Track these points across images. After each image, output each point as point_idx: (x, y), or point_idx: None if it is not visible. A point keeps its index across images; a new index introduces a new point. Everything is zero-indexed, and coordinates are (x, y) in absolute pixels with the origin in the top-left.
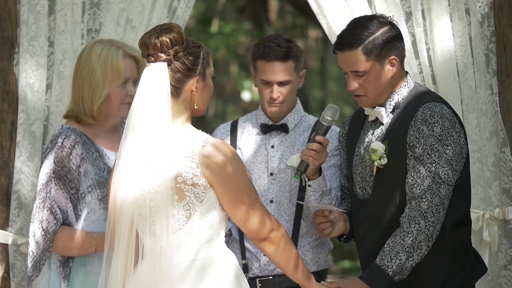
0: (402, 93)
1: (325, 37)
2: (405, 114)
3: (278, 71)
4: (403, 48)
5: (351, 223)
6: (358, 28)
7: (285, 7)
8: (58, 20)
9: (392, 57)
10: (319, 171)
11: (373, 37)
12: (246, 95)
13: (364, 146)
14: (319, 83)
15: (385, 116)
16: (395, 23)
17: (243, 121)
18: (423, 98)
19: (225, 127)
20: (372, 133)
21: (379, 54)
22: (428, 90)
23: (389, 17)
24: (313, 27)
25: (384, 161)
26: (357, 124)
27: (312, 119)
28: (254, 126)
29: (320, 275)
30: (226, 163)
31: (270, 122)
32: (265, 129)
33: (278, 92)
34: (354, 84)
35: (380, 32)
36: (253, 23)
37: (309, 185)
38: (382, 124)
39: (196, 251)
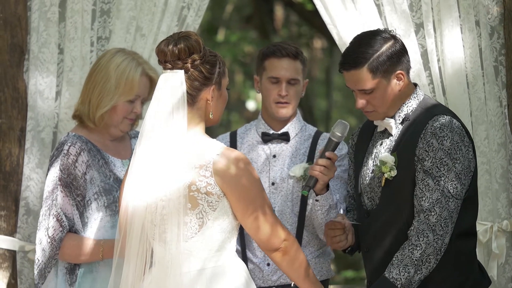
0: (411, 104)
1: (330, 47)
2: (415, 126)
3: (288, 68)
4: (408, 61)
5: (356, 235)
6: (362, 46)
7: (290, 17)
8: (68, 27)
9: (398, 71)
10: (327, 186)
11: (377, 54)
12: (251, 105)
13: (372, 157)
14: (323, 93)
15: (394, 127)
16: (398, 36)
17: (242, 131)
18: (433, 110)
19: (224, 138)
20: (381, 144)
21: (385, 70)
22: (438, 102)
23: (392, 30)
24: (318, 37)
25: (394, 173)
26: (366, 135)
27: (311, 129)
28: (254, 136)
29: (323, 285)
30: (240, 172)
31: (271, 131)
32: (266, 138)
33: (286, 91)
34: (362, 102)
35: (385, 48)
36: (258, 32)
37: (317, 200)
38: (391, 135)
39: (207, 259)
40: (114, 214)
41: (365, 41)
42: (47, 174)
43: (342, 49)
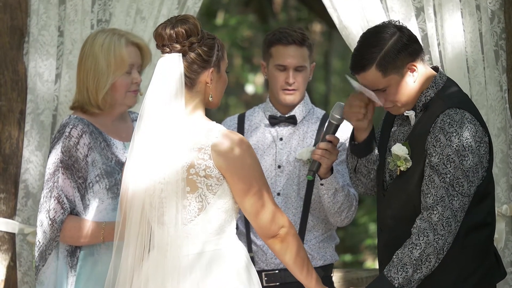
0: (429, 94)
1: (329, 31)
2: (428, 118)
3: (295, 55)
4: (419, 49)
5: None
6: (368, 47)
7: (289, 1)
8: (68, 10)
9: (410, 63)
10: (330, 169)
11: (384, 52)
12: (249, 88)
13: (393, 139)
14: (322, 77)
15: (414, 118)
16: (404, 25)
17: (250, 114)
18: (447, 102)
19: (232, 120)
20: (399, 128)
21: (395, 66)
22: (457, 91)
23: (397, 21)
24: (318, 21)
25: (409, 164)
26: (389, 122)
27: (320, 112)
28: (262, 119)
29: (326, 270)
30: (239, 153)
31: (279, 114)
32: (274, 121)
33: (293, 78)
34: (381, 100)
35: (391, 44)
36: (257, 16)
37: (322, 184)
38: (410, 124)
39: (206, 243)
40: (115, 197)
41: (370, 41)
42: (48, 156)
43: (342, 32)
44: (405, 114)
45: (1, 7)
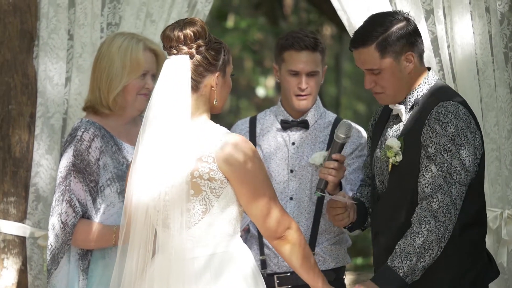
0: (422, 90)
1: (339, 34)
2: (421, 112)
3: (308, 61)
4: (421, 44)
5: (360, 212)
6: (372, 25)
7: (300, 3)
8: (78, 13)
9: (408, 53)
10: (339, 185)
11: (387, 34)
12: (261, 91)
13: (384, 139)
14: (333, 79)
15: (405, 113)
16: (412, 19)
17: (262, 117)
18: (441, 96)
19: (243, 123)
20: (392, 128)
21: (394, 51)
22: (448, 88)
23: (407, 13)
24: (328, 24)
25: (399, 158)
26: (384, 116)
27: (332, 116)
28: (273, 122)
29: (338, 272)
30: (244, 157)
31: (291, 118)
32: (286, 126)
33: (306, 83)
34: (370, 82)
35: (395, 28)
36: (268, 19)
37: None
38: (401, 121)
39: (211, 246)
40: None
41: (376, 20)
42: (60, 160)
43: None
44: (395, 107)
45: (10, 11)
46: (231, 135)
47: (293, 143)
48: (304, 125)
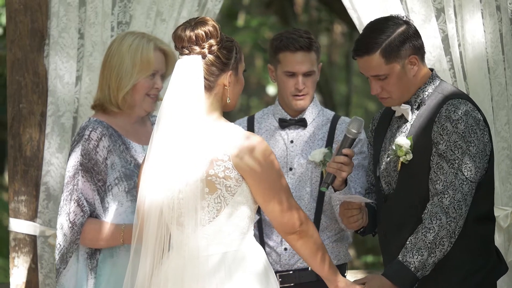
0: (427, 89)
1: (350, 32)
2: (430, 111)
3: (303, 61)
4: (422, 46)
5: (371, 216)
6: (374, 32)
7: (311, 2)
8: (89, 12)
9: (411, 56)
10: (345, 181)
11: (390, 40)
12: (271, 90)
13: (389, 141)
14: (343, 78)
15: (410, 113)
16: (411, 21)
17: (260, 116)
18: (448, 95)
19: (241, 123)
20: (397, 129)
21: (398, 56)
22: (454, 87)
23: (405, 16)
24: (338, 22)
25: (409, 156)
26: (385, 120)
27: (329, 114)
28: (271, 121)
29: (340, 269)
30: (259, 155)
31: (288, 117)
32: (284, 124)
33: (303, 84)
34: (377, 89)
35: (397, 33)
36: (279, 17)
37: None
38: (408, 121)
39: (225, 244)
40: (134, 200)
41: (377, 27)
42: (68, 159)
43: None
44: (400, 107)
45: (21, 10)
46: (246, 133)
47: (292, 141)
48: (302, 123)
